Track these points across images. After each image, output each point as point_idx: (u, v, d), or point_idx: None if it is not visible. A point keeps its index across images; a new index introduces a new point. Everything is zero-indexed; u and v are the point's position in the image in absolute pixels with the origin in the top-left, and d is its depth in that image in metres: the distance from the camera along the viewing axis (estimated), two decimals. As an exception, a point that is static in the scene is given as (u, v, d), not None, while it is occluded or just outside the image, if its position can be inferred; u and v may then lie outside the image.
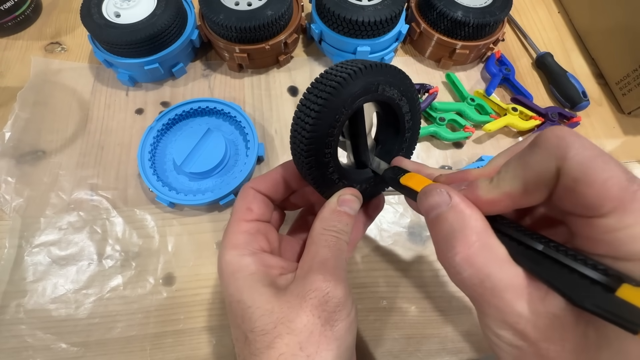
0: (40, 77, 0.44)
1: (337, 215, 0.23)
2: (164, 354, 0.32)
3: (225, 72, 0.46)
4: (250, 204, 0.24)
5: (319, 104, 0.20)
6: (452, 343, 0.34)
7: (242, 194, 0.25)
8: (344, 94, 0.20)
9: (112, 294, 0.34)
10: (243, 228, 0.23)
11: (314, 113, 0.20)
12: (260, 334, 0.20)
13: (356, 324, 0.21)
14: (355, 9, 0.41)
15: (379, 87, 0.22)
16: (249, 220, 0.24)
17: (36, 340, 0.32)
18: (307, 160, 0.21)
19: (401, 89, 0.23)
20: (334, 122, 0.21)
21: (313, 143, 0.21)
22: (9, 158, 0.39)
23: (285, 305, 0.20)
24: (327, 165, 0.22)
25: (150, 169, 0.37)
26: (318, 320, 0.20)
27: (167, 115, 0.39)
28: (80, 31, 0.48)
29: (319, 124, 0.20)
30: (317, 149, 0.21)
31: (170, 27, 0.41)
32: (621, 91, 0.46)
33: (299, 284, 0.21)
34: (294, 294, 0.20)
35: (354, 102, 0.21)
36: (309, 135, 0.21)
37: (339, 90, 0.20)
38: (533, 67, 0.50)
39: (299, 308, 0.20)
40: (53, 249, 0.35)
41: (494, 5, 0.43)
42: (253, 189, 0.25)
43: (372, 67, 0.21)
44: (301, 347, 0.19)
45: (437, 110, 0.43)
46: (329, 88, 0.20)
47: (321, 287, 0.20)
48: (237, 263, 0.22)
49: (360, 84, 0.21)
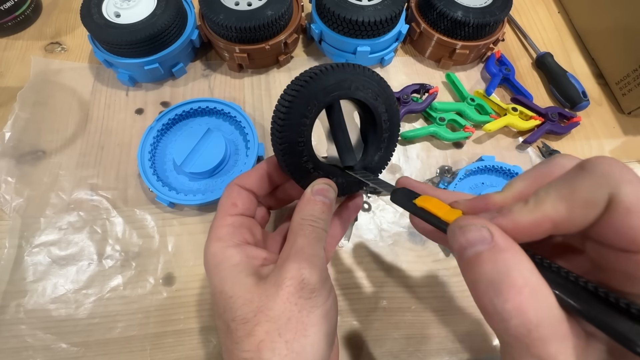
0: (40, 77, 0.44)
1: (312, 204, 0.24)
2: (164, 354, 0.32)
3: (225, 72, 0.46)
4: (235, 200, 0.25)
5: (292, 95, 0.22)
6: (452, 343, 0.34)
7: (227, 190, 0.26)
8: (315, 87, 0.22)
9: (112, 294, 0.34)
10: (228, 222, 0.24)
11: (287, 103, 0.22)
12: (241, 322, 0.20)
13: (335, 311, 0.22)
14: (355, 9, 0.41)
15: (351, 84, 0.23)
16: (234, 214, 0.25)
17: (36, 340, 0.32)
18: (282, 147, 0.23)
19: (376, 90, 0.25)
20: (305, 111, 0.23)
21: (286, 131, 0.23)
22: (9, 158, 0.39)
23: (264, 294, 0.21)
24: (301, 154, 0.24)
25: (150, 169, 0.37)
26: (295, 307, 0.20)
27: (167, 115, 0.39)
28: (80, 31, 0.48)
29: (291, 113, 0.22)
30: (290, 137, 0.23)
31: (170, 27, 0.41)
32: (621, 91, 0.46)
33: (277, 272, 0.21)
34: (271, 282, 0.21)
35: (326, 96, 0.23)
36: (282, 124, 0.22)
37: (310, 83, 0.22)
38: (533, 67, 0.50)
39: (276, 296, 0.20)
40: (53, 249, 0.35)
41: (494, 5, 0.43)
42: (237, 185, 0.26)
43: (345, 66, 0.23)
44: (280, 334, 0.20)
45: (437, 110, 0.43)
46: (301, 82, 0.22)
47: (296, 275, 0.21)
48: (221, 255, 0.23)
49: (332, 79, 0.23)
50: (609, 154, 0.44)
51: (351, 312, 0.34)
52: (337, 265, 0.36)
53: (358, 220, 0.38)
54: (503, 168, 0.40)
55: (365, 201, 0.39)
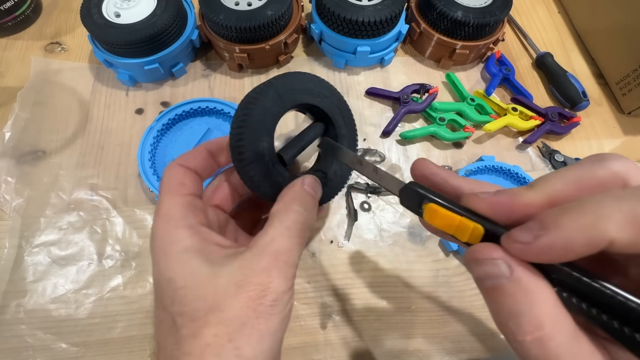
0: (40, 77, 0.44)
1: (303, 193, 0.22)
2: (164, 354, 0.32)
3: (225, 72, 0.46)
4: (182, 179, 0.22)
5: (241, 118, 0.22)
6: (452, 343, 0.34)
7: (169, 171, 0.22)
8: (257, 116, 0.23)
9: (112, 294, 0.34)
10: (177, 201, 0.21)
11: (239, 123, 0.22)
12: (189, 319, 0.18)
13: (290, 316, 0.20)
14: (355, 9, 0.41)
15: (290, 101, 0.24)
16: (184, 194, 0.21)
17: (36, 340, 0.32)
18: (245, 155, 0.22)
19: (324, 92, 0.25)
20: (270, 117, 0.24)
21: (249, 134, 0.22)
22: (9, 158, 0.39)
23: (220, 292, 0.18)
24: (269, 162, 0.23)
25: (150, 169, 0.37)
26: (252, 312, 0.18)
27: (167, 115, 0.39)
28: (80, 31, 0.48)
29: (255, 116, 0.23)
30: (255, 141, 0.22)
31: (170, 27, 0.41)
32: (621, 91, 0.46)
33: (242, 270, 0.19)
34: (233, 279, 0.18)
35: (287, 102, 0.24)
36: (243, 124, 0.22)
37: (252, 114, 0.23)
38: (533, 67, 0.50)
39: (234, 298, 0.18)
40: (53, 249, 0.35)
41: (494, 5, 0.43)
42: (181, 165, 0.23)
43: (272, 82, 0.24)
44: (230, 339, 0.18)
45: (437, 110, 0.43)
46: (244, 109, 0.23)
47: (264, 282, 0.19)
48: (170, 237, 0.20)
49: (269, 102, 0.24)
50: (609, 154, 0.44)
51: (351, 312, 0.34)
52: (337, 265, 0.36)
53: (358, 220, 0.38)
54: (503, 168, 0.40)
55: (365, 201, 0.39)
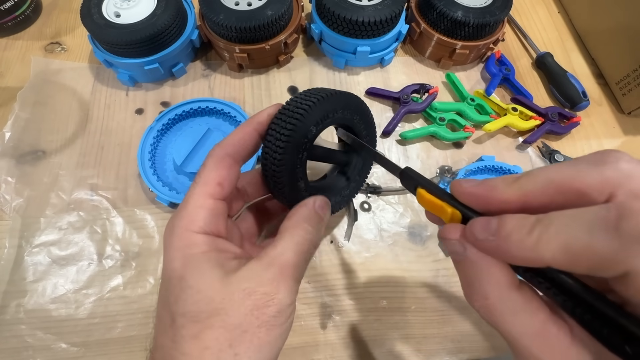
0: (40, 77, 0.44)
1: (313, 214, 0.22)
2: (164, 354, 0.32)
3: (225, 72, 0.46)
4: (222, 179, 0.22)
5: (286, 135, 0.22)
6: (452, 343, 0.34)
7: (216, 162, 0.22)
8: (305, 125, 0.22)
9: (112, 294, 0.34)
10: (208, 204, 0.21)
11: (295, 121, 0.22)
12: (191, 320, 0.18)
13: (289, 332, 0.20)
14: (355, 9, 0.41)
15: (335, 113, 0.24)
16: (217, 198, 0.21)
17: (36, 340, 0.32)
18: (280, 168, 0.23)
19: (354, 110, 0.26)
20: (310, 130, 0.23)
21: (288, 153, 0.22)
22: (9, 158, 0.39)
23: (227, 297, 0.19)
24: (297, 184, 0.24)
25: (150, 169, 0.37)
26: (255, 321, 0.18)
27: (167, 115, 0.39)
28: (80, 31, 0.48)
29: (288, 151, 0.22)
30: (291, 157, 0.23)
31: (170, 27, 0.41)
32: (621, 91, 0.46)
33: (250, 279, 0.19)
34: (241, 287, 0.19)
35: (326, 120, 0.24)
36: (284, 145, 0.22)
37: (301, 121, 0.22)
38: (533, 67, 0.50)
39: (240, 304, 0.18)
40: (53, 249, 0.35)
41: (493, 5, 0.43)
42: (230, 157, 0.22)
43: (327, 96, 0.23)
44: (231, 345, 0.18)
45: (437, 110, 0.43)
46: (293, 121, 0.22)
47: (271, 292, 0.19)
48: (189, 239, 0.20)
49: (319, 114, 0.23)
50: (609, 154, 0.44)
51: (351, 312, 0.34)
52: (337, 266, 0.36)
53: (358, 220, 0.38)
54: (503, 168, 0.40)
55: (365, 201, 0.39)
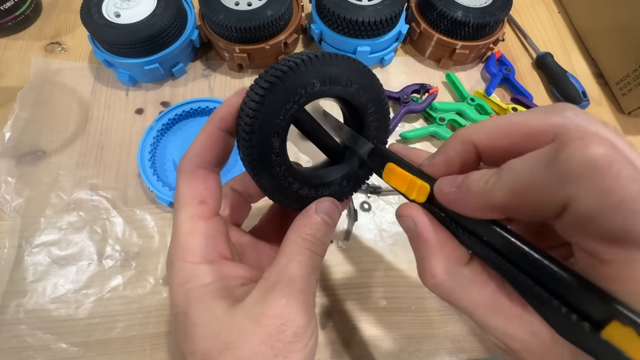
0: (40, 77, 0.44)
1: (314, 222, 0.20)
2: (164, 354, 0.32)
3: (225, 72, 0.46)
4: (202, 195, 0.19)
5: (265, 88, 0.18)
6: (452, 343, 0.34)
7: (188, 178, 0.20)
8: (293, 81, 0.18)
9: (112, 294, 0.34)
10: (199, 228, 0.19)
11: (258, 97, 0.18)
12: (202, 358, 0.17)
13: (313, 355, 0.19)
14: (355, 9, 0.41)
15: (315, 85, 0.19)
16: (206, 218, 0.19)
17: (36, 340, 0.32)
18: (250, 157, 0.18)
19: (360, 83, 0.20)
20: (280, 110, 0.18)
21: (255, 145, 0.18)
22: (9, 158, 0.39)
23: (236, 329, 0.17)
24: (277, 164, 0.19)
25: (150, 169, 0.37)
26: (270, 350, 0.17)
27: (167, 115, 0.39)
28: (80, 31, 0.48)
29: (263, 111, 0.18)
30: (262, 142, 0.18)
31: (170, 27, 0.41)
32: (621, 91, 0.46)
33: (257, 303, 0.18)
34: (248, 314, 0.17)
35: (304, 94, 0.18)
36: (251, 122, 0.18)
37: (288, 75, 0.17)
38: (533, 67, 0.50)
39: (250, 334, 0.17)
40: (53, 249, 0.35)
41: (494, 5, 0.43)
42: (200, 168, 0.20)
43: (326, 57, 0.18)
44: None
45: (437, 110, 0.43)
46: (279, 72, 0.18)
47: (280, 314, 0.17)
48: (190, 271, 0.18)
49: (312, 73, 0.18)
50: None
51: (351, 312, 0.34)
52: (337, 266, 0.36)
53: (358, 220, 0.38)
54: (503, 168, 0.40)
55: (365, 201, 0.39)
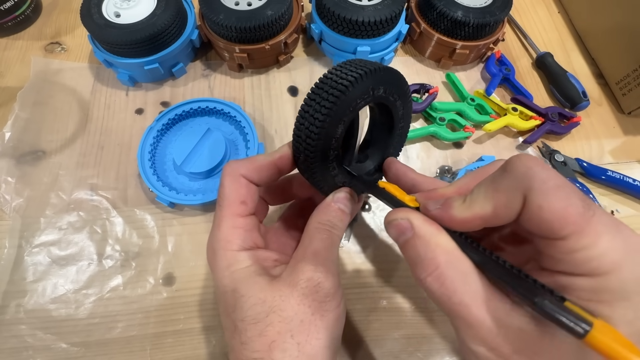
0: (40, 77, 0.44)
1: (331, 210, 0.24)
2: (164, 354, 0.32)
3: (225, 72, 0.46)
4: (244, 197, 0.23)
5: (327, 107, 0.20)
6: (452, 343, 0.34)
7: (232, 182, 0.24)
8: (350, 96, 0.21)
9: (112, 294, 0.34)
10: (238, 224, 0.23)
11: (326, 110, 0.20)
12: (252, 322, 0.20)
13: (344, 317, 0.22)
14: (355, 8, 0.41)
15: (380, 90, 0.22)
16: (245, 215, 0.23)
17: (36, 340, 0.32)
18: (313, 156, 0.22)
19: (399, 91, 0.24)
20: (342, 118, 0.21)
21: (321, 139, 0.21)
22: (9, 158, 0.39)
23: (277, 294, 0.20)
24: (331, 163, 0.23)
25: (150, 169, 0.37)
26: (308, 309, 0.20)
27: (167, 115, 0.39)
28: (80, 31, 0.48)
29: (327, 125, 0.21)
30: (324, 146, 0.22)
31: (170, 27, 0.41)
32: (621, 91, 0.46)
33: (291, 273, 0.21)
34: (285, 282, 0.21)
35: (357, 105, 0.22)
36: (318, 132, 0.21)
37: (346, 93, 0.20)
38: (533, 67, 0.50)
39: (290, 296, 0.20)
40: (53, 249, 0.35)
41: (494, 5, 0.43)
42: (245, 177, 0.24)
43: (375, 70, 0.21)
44: (292, 335, 0.20)
45: (437, 110, 0.43)
46: (336, 92, 0.20)
47: (312, 277, 0.21)
48: (232, 257, 0.22)
49: (364, 87, 0.21)
50: (609, 154, 0.44)
51: (351, 312, 0.34)
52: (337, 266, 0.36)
53: (358, 220, 0.38)
54: (503, 168, 0.40)
55: (365, 201, 0.39)
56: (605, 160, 0.44)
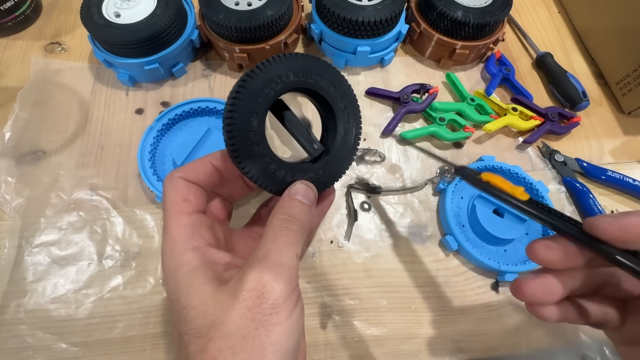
0: (40, 77, 0.44)
1: (289, 202, 0.22)
2: (164, 354, 0.32)
3: (225, 72, 0.46)
4: (185, 195, 0.22)
5: (230, 103, 0.22)
6: (453, 344, 0.34)
7: (171, 184, 0.23)
8: (252, 88, 0.21)
9: (112, 294, 0.34)
10: (183, 221, 0.22)
11: (228, 112, 0.21)
12: (195, 336, 0.19)
13: (300, 325, 0.20)
14: (355, 9, 0.41)
15: (290, 76, 0.22)
16: (190, 212, 0.22)
17: (36, 340, 0.32)
18: (233, 147, 0.22)
19: (318, 72, 0.24)
20: (251, 114, 0.22)
21: (238, 140, 0.21)
22: (9, 158, 0.39)
23: (219, 307, 0.19)
24: (260, 155, 0.22)
25: (150, 169, 0.37)
26: (252, 323, 0.18)
27: (167, 115, 0.39)
28: (81, 31, 0.48)
29: (236, 119, 0.21)
30: (242, 137, 0.21)
31: (170, 27, 0.41)
32: (621, 91, 0.46)
33: (236, 281, 0.19)
34: (229, 292, 0.19)
35: (266, 95, 0.22)
36: (231, 133, 0.21)
37: (245, 86, 0.21)
38: (533, 67, 0.50)
39: (231, 309, 0.18)
40: (53, 249, 0.35)
41: (494, 5, 0.43)
42: (183, 178, 0.23)
43: (275, 60, 0.22)
44: (233, 352, 0.18)
45: (437, 110, 0.43)
46: (236, 87, 0.22)
47: (256, 287, 0.18)
48: (178, 259, 0.21)
49: (267, 77, 0.22)
50: (609, 154, 0.44)
51: (351, 312, 0.34)
52: (337, 265, 0.36)
53: (358, 220, 0.38)
54: (503, 168, 0.40)
55: (365, 201, 0.39)
56: (605, 160, 0.44)
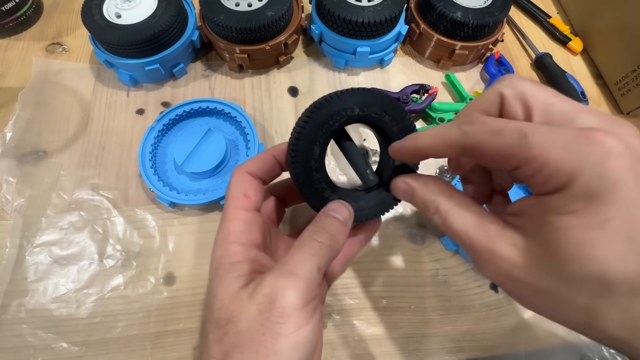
0: (41, 78, 0.44)
1: (323, 216, 0.23)
2: (164, 354, 0.32)
3: (225, 72, 0.47)
4: (247, 191, 0.24)
5: (297, 131, 0.23)
6: (452, 343, 0.34)
7: (237, 178, 0.24)
8: (317, 119, 0.23)
9: (113, 294, 0.34)
10: (239, 216, 0.23)
11: (294, 139, 0.23)
12: (215, 326, 0.19)
13: (308, 343, 0.19)
14: (355, 9, 0.41)
15: (355, 109, 0.23)
16: (247, 209, 0.23)
17: (37, 340, 0.32)
18: (295, 173, 0.24)
19: (382, 107, 0.24)
20: (314, 143, 0.23)
21: (299, 157, 0.23)
22: (10, 158, 0.39)
23: (238, 304, 0.19)
24: (317, 180, 0.24)
25: (151, 169, 0.37)
26: (260, 327, 0.18)
27: (168, 115, 0.39)
28: (81, 32, 0.48)
29: (301, 146, 0.23)
30: (303, 164, 0.24)
31: (171, 28, 0.41)
32: (620, 91, 0.47)
33: (256, 282, 0.20)
34: (248, 292, 0.19)
35: (331, 126, 0.23)
36: (295, 149, 0.23)
37: (311, 117, 0.23)
38: (532, 67, 0.50)
39: (246, 309, 0.19)
40: (54, 248, 0.35)
41: (493, 6, 0.44)
42: (248, 173, 0.24)
43: (342, 94, 0.23)
44: (241, 351, 0.18)
45: (437, 111, 0.43)
46: (303, 117, 0.23)
47: (269, 293, 0.18)
48: (225, 250, 0.22)
49: (332, 109, 0.23)
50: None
51: (351, 312, 0.34)
52: (337, 265, 0.36)
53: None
54: (502, 168, 0.40)
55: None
56: (604, 161, 0.44)
